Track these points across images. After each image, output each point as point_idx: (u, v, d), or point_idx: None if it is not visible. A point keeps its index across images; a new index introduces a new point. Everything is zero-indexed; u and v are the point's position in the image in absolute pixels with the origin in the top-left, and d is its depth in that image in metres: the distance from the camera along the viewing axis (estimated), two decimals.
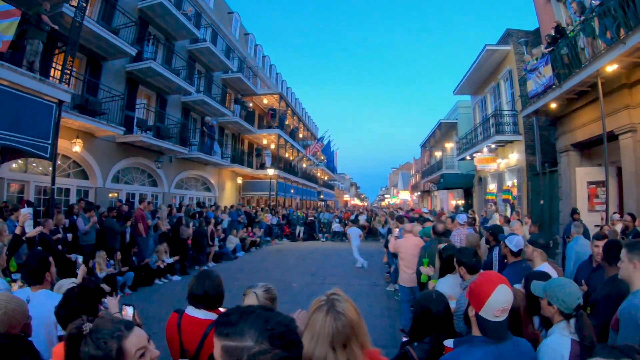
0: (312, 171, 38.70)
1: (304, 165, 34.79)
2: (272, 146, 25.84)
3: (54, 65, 9.01)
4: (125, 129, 12.33)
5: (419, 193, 41.10)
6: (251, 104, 24.87)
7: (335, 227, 21.43)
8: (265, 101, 26.55)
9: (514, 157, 15.44)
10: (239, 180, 23.98)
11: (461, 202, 24.55)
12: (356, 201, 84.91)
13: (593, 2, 8.47)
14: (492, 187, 18.01)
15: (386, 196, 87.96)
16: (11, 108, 7.24)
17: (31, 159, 10.15)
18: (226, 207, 17.31)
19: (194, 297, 2.37)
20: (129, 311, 2.23)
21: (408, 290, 5.83)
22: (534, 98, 11.56)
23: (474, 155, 17.55)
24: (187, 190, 18.58)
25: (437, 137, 29.62)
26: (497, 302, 1.76)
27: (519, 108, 13.62)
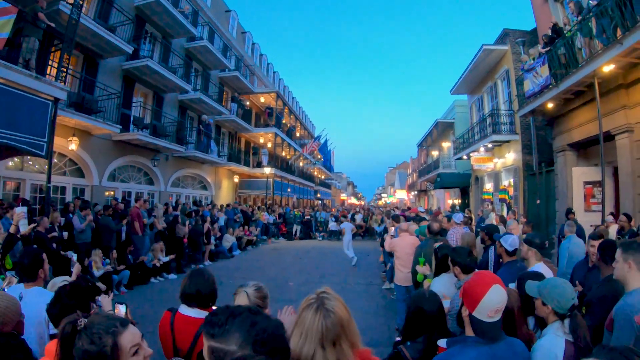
0: (309, 170, 38.68)
1: (301, 164, 34.77)
2: (269, 145, 25.81)
3: (50, 63, 9.00)
4: (121, 127, 12.31)
5: (416, 192, 41.15)
6: (248, 103, 24.87)
7: (331, 226, 21.42)
8: (262, 100, 26.54)
9: (511, 157, 15.47)
10: (236, 178, 23.98)
11: (458, 202, 24.59)
12: (353, 200, 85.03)
13: (590, 2, 8.46)
14: (489, 187, 18.04)
15: (383, 195, 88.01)
16: (7, 106, 7.23)
17: (27, 157, 10.12)
18: (222, 206, 17.30)
19: (187, 296, 2.36)
20: (122, 309, 2.22)
21: (404, 289, 5.83)
22: (531, 98, 11.58)
23: (471, 154, 17.58)
24: (184, 188, 18.54)
25: (434, 137, 29.66)
26: (491, 303, 1.75)
27: (516, 108, 13.63)
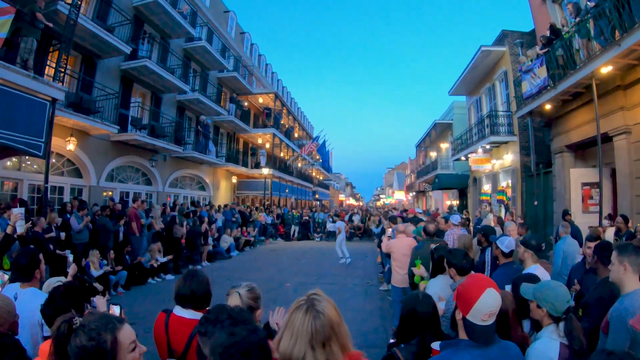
0: (307, 171, 38.69)
1: (299, 164, 34.76)
2: (267, 145, 25.81)
3: (48, 63, 8.98)
4: (119, 128, 12.29)
5: (414, 193, 41.20)
6: (246, 103, 24.87)
7: (329, 227, 21.41)
8: (260, 100, 26.51)
9: (509, 158, 15.48)
10: (234, 179, 23.97)
11: (456, 203, 24.60)
12: (352, 201, 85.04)
13: (588, 4, 8.48)
14: (487, 188, 18.05)
15: (381, 196, 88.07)
16: (5, 106, 7.20)
17: (25, 157, 10.10)
18: (220, 207, 17.28)
19: (181, 297, 2.35)
20: (116, 310, 2.21)
21: (401, 290, 5.81)
22: (529, 99, 11.60)
23: (469, 155, 17.61)
24: (182, 189, 18.51)
25: (433, 138, 29.69)
26: (485, 306, 1.74)
27: (514, 109, 13.65)
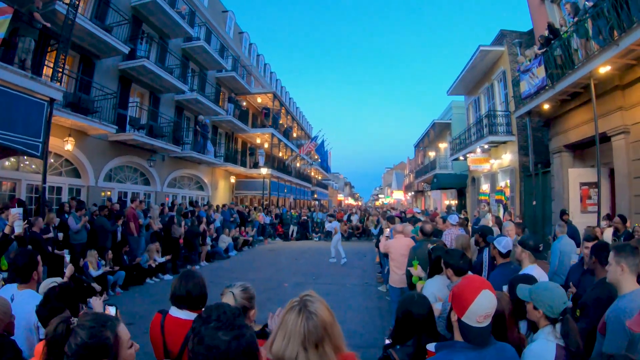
0: (306, 170, 38.67)
1: (298, 164, 34.74)
2: (266, 145, 25.81)
3: (46, 63, 8.97)
4: (117, 128, 12.28)
5: (413, 193, 41.19)
6: (245, 103, 24.85)
7: (328, 227, 21.39)
8: (259, 100, 26.50)
9: (507, 158, 15.50)
10: (232, 179, 23.95)
11: (454, 203, 24.60)
12: (350, 201, 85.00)
13: (587, 4, 8.49)
14: (485, 188, 18.08)
15: (380, 196, 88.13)
16: (2, 106, 7.19)
17: (23, 157, 10.08)
18: (219, 206, 17.27)
19: (177, 298, 2.34)
20: (112, 311, 2.21)
21: (399, 291, 5.80)
22: (527, 99, 11.60)
23: (468, 155, 17.61)
24: (180, 189, 18.50)
25: (431, 137, 29.70)
26: (480, 308, 1.73)
27: (512, 109, 13.67)
